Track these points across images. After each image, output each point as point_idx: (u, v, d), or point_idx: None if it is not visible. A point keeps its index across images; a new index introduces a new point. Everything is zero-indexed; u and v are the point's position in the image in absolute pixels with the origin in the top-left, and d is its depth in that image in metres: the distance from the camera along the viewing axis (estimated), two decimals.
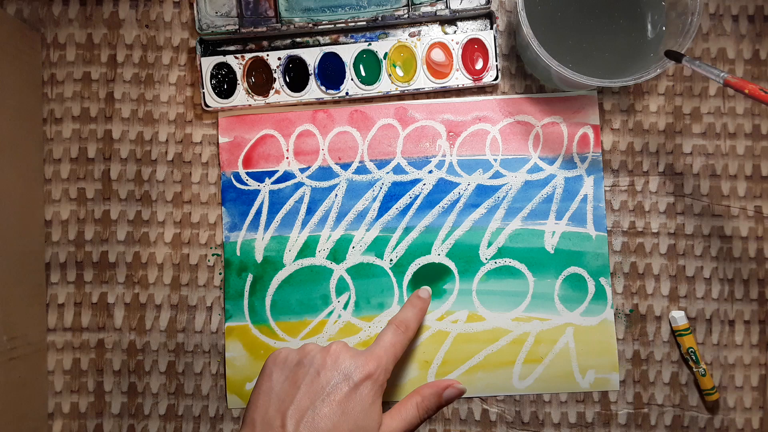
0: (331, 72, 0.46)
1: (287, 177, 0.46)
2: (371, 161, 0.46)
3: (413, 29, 0.47)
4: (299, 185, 0.46)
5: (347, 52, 0.46)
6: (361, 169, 0.46)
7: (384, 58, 0.46)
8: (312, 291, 0.46)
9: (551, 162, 0.46)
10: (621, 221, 0.46)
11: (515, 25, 0.46)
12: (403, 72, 0.46)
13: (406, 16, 0.45)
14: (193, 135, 0.47)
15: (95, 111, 0.47)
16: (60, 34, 0.47)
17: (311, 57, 0.46)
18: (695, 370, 0.45)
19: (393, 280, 0.46)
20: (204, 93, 0.46)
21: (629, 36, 0.43)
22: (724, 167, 0.46)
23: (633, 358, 0.46)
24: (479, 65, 0.46)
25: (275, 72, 0.46)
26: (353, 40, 0.46)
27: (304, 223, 0.46)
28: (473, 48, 0.46)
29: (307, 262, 0.46)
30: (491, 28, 0.46)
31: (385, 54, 0.46)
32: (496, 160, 0.46)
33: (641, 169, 0.46)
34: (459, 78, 0.46)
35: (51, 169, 0.47)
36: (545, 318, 0.45)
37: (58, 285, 0.46)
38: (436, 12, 0.45)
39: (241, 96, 0.46)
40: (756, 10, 0.47)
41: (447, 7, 0.45)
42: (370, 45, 0.46)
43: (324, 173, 0.46)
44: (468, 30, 0.46)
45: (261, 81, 0.46)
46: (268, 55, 0.46)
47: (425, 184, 0.46)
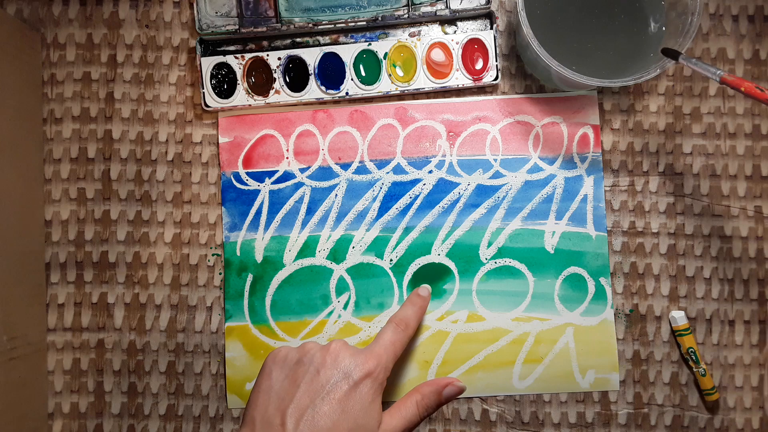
0: (331, 72, 0.46)
1: (287, 177, 0.46)
2: (371, 161, 0.46)
3: (413, 29, 0.47)
4: (299, 185, 0.46)
5: (347, 52, 0.46)
6: (361, 169, 0.46)
7: (384, 58, 0.46)
8: (312, 291, 0.46)
9: (551, 162, 0.46)
10: (621, 221, 0.46)
11: (515, 25, 0.46)
12: (403, 72, 0.46)
13: (406, 16, 0.45)
14: (193, 135, 0.47)
15: (95, 111, 0.47)
16: (60, 34, 0.47)
17: (311, 57, 0.46)
18: (695, 370, 0.45)
19: (393, 280, 0.46)
20: (204, 93, 0.46)
21: (629, 36, 0.43)
22: (724, 167, 0.46)
23: (633, 358, 0.46)
24: (479, 65, 0.46)
25: (275, 72, 0.46)
26: (353, 40, 0.46)
27: (304, 223, 0.46)
28: (473, 48, 0.46)
29: (307, 262, 0.46)
30: (491, 28, 0.46)
31: (385, 54, 0.46)
32: (496, 160, 0.46)
33: (641, 169, 0.46)
34: (459, 78, 0.46)
35: (51, 169, 0.47)
36: (545, 318, 0.45)
37: (58, 285, 0.46)
38: (436, 12, 0.45)
39: (241, 96, 0.46)
40: (756, 10, 0.47)
41: (447, 7, 0.45)
42: (370, 45, 0.46)
43: (324, 173, 0.46)
44: (468, 30, 0.46)
45: (261, 81, 0.46)
46: (268, 55, 0.46)
47: (425, 184, 0.46)
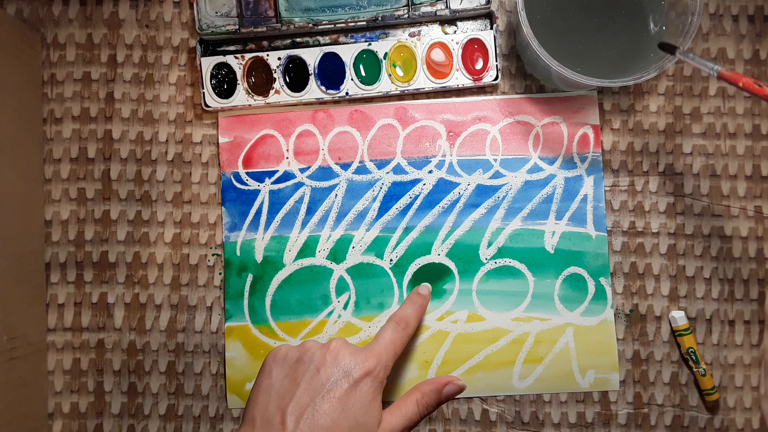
0: (331, 72, 0.46)
1: (287, 177, 0.46)
2: (371, 161, 0.46)
3: (413, 29, 0.47)
4: (299, 185, 0.46)
5: (347, 52, 0.46)
6: (361, 169, 0.46)
7: (384, 58, 0.46)
8: (312, 291, 0.46)
9: (551, 162, 0.46)
10: (621, 221, 0.46)
11: (515, 25, 0.46)
12: (403, 72, 0.46)
13: (406, 16, 0.45)
14: (193, 135, 0.47)
15: (95, 111, 0.47)
16: (60, 34, 0.47)
17: (311, 57, 0.46)
18: (695, 370, 0.45)
19: (393, 280, 0.46)
20: (204, 93, 0.46)
21: (629, 36, 0.43)
22: (724, 167, 0.46)
23: (633, 358, 0.46)
24: (479, 65, 0.46)
25: (275, 72, 0.46)
26: (353, 40, 0.46)
27: (304, 223, 0.46)
28: (473, 48, 0.46)
29: (307, 262, 0.46)
30: (491, 28, 0.46)
31: (385, 54, 0.46)
32: (496, 160, 0.46)
33: (641, 169, 0.46)
34: (459, 78, 0.46)
35: (51, 169, 0.47)
36: (545, 318, 0.45)
37: (58, 285, 0.46)
38: (436, 12, 0.45)
39: (241, 96, 0.46)
40: (756, 10, 0.47)
41: (447, 7, 0.45)
42: (370, 45, 0.46)
43: (324, 173, 0.46)
44: (468, 30, 0.46)
45: (261, 81, 0.46)
46: (268, 55, 0.46)
47: (425, 184, 0.46)
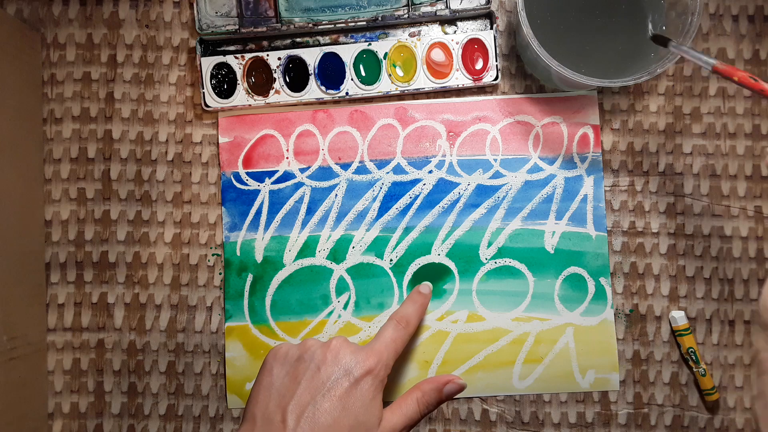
0: (331, 72, 0.46)
1: (287, 177, 0.46)
2: (371, 161, 0.46)
3: (413, 29, 0.47)
4: (299, 185, 0.46)
5: (347, 52, 0.46)
6: (361, 169, 0.46)
7: (384, 58, 0.46)
8: (312, 291, 0.46)
9: (551, 162, 0.46)
10: (621, 221, 0.46)
11: (515, 25, 0.46)
12: (403, 72, 0.46)
13: (406, 16, 0.45)
14: (193, 135, 0.47)
15: (95, 111, 0.47)
16: (60, 34, 0.47)
17: (311, 57, 0.46)
18: (695, 370, 0.45)
19: (393, 280, 0.46)
20: (204, 93, 0.46)
21: (629, 36, 0.43)
22: (724, 167, 0.46)
23: (633, 358, 0.46)
24: (479, 65, 0.46)
25: (275, 72, 0.46)
26: (353, 40, 0.46)
27: (304, 223, 0.46)
28: (473, 48, 0.46)
29: (307, 262, 0.46)
30: (491, 28, 0.46)
31: (385, 54, 0.46)
32: (496, 160, 0.46)
33: (641, 169, 0.46)
34: (459, 78, 0.46)
35: (51, 169, 0.47)
36: (545, 318, 0.45)
37: (58, 285, 0.46)
38: (436, 12, 0.45)
39: (241, 96, 0.46)
40: (756, 10, 0.47)
41: (447, 7, 0.45)
42: (370, 45, 0.46)
43: (324, 173, 0.46)
44: (468, 30, 0.46)
45: (261, 81, 0.46)
46: (268, 55, 0.46)
47: (425, 184, 0.46)
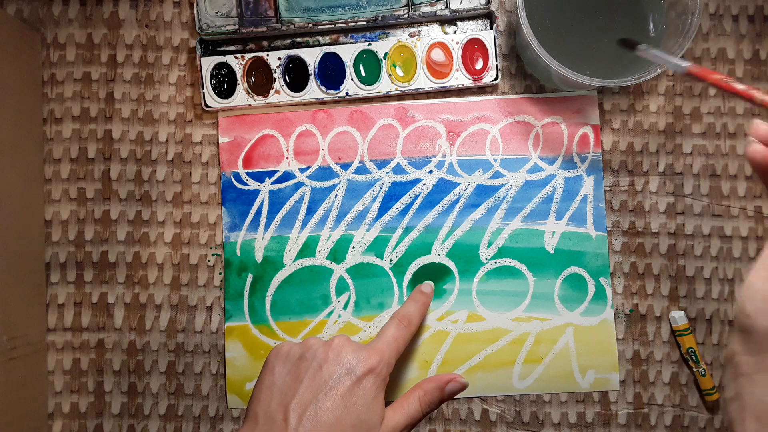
0: (331, 72, 0.46)
1: (287, 177, 0.46)
2: (371, 161, 0.46)
3: (413, 29, 0.47)
4: (299, 185, 0.46)
5: (347, 52, 0.46)
6: (361, 169, 0.46)
7: (384, 58, 0.46)
8: (312, 291, 0.46)
9: (551, 162, 0.46)
10: (621, 221, 0.46)
11: (515, 25, 0.46)
12: (403, 72, 0.46)
13: (406, 16, 0.45)
14: (193, 135, 0.47)
15: (95, 111, 0.47)
16: (60, 34, 0.47)
17: (311, 57, 0.46)
18: (695, 370, 0.45)
19: (393, 280, 0.46)
20: (204, 93, 0.46)
21: (629, 36, 0.42)
22: (724, 167, 0.46)
23: (633, 358, 0.46)
24: (479, 65, 0.46)
25: (275, 72, 0.46)
26: (353, 40, 0.46)
27: (304, 223, 0.46)
28: (473, 48, 0.46)
29: (307, 262, 0.46)
30: (491, 28, 0.46)
31: (385, 54, 0.46)
32: (496, 160, 0.46)
33: (641, 169, 0.46)
34: (459, 78, 0.46)
35: (51, 169, 0.47)
36: (545, 318, 0.45)
37: (58, 285, 0.46)
38: (436, 12, 0.45)
39: (241, 96, 0.46)
40: (756, 10, 0.47)
41: (447, 7, 0.45)
42: (370, 45, 0.46)
43: (324, 173, 0.46)
44: (468, 30, 0.46)
45: (261, 81, 0.46)
46: (268, 55, 0.46)
47: (425, 184, 0.46)
